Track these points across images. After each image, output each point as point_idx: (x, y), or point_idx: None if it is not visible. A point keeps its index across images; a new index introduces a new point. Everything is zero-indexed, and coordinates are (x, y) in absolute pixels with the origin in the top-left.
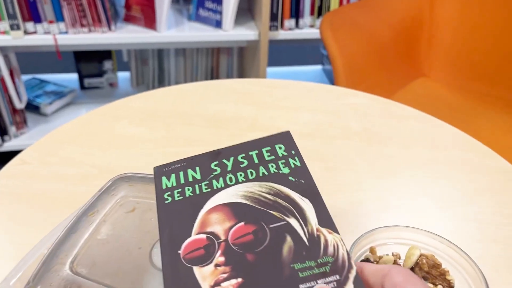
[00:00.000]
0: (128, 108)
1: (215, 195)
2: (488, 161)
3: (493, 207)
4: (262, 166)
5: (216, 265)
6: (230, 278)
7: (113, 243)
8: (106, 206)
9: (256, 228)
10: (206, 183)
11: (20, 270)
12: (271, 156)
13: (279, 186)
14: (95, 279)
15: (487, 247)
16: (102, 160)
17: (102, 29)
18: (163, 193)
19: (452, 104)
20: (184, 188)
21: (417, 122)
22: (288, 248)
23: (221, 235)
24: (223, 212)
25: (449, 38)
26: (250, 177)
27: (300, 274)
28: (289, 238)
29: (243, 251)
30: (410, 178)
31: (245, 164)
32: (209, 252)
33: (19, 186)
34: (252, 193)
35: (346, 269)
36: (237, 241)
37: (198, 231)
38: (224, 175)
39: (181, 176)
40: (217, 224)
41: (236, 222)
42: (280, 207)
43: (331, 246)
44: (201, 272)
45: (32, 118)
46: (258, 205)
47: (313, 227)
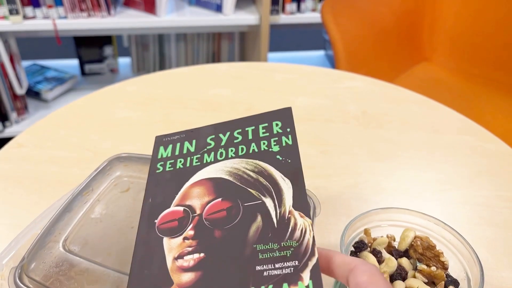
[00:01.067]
0: (124, 92)
1: (202, 169)
2: (487, 144)
3: (491, 190)
4: (254, 142)
5: (184, 238)
6: (193, 252)
7: (106, 222)
8: (101, 186)
9: (231, 205)
10: (197, 156)
11: (13, 249)
12: (266, 133)
13: (265, 165)
14: (86, 257)
15: (484, 229)
16: (97, 143)
17: (102, 13)
18: (157, 162)
19: (454, 88)
20: (176, 159)
21: (417, 106)
22: (256, 227)
23: (197, 209)
24: (205, 186)
25: (452, 22)
26: (240, 153)
27: (260, 255)
28: (260, 217)
29: (213, 226)
30: (408, 161)
31: (239, 139)
32: (182, 224)
33: (14, 169)
34: (237, 170)
35: (307, 256)
36: (210, 216)
37: (178, 203)
38: (216, 150)
39: (177, 148)
40: (197, 198)
41: (214, 198)
42: (259, 186)
43: (298, 231)
44: (169, 244)
45: (33, 104)
46: (239, 182)
47: (286, 209)
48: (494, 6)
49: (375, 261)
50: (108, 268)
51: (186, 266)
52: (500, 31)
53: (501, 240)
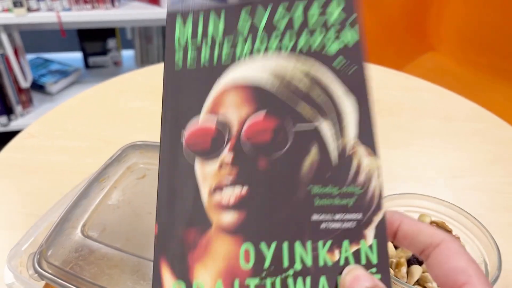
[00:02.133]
0: (133, 83)
1: (236, 66)
2: (499, 131)
3: (504, 177)
4: (307, 31)
5: (221, 163)
6: (233, 184)
7: (123, 208)
8: (117, 173)
9: (277, 126)
10: (229, 42)
11: (31, 236)
12: (322, 16)
13: (321, 70)
14: (105, 243)
15: (497, 215)
16: (108, 133)
17: (106, 5)
18: (174, 52)
19: (462, 77)
20: (201, 47)
21: (428, 94)
22: (310, 163)
23: (234, 124)
24: (243, 92)
25: (459, 12)
26: (287, 43)
27: (316, 200)
28: (315, 149)
29: (256, 153)
30: (421, 148)
31: (285, 20)
32: (216, 144)
33: (27, 159)
34: (284, 71)
35: (372, 208)
36: (251, 139)
37: (209, 112)
38: (254, 33)
39: (200, 22)
40: (233, 107)
41: (255, 110)
42: (314, 101)
43: (363, 174)
44: (203, 170)
45: (37, 97)
46: (287, 90)
47: (348, 141)
48: None
49: (392, 247)
50: (127, 253)
51: (226, 203)
52: (508, 20)
53: None
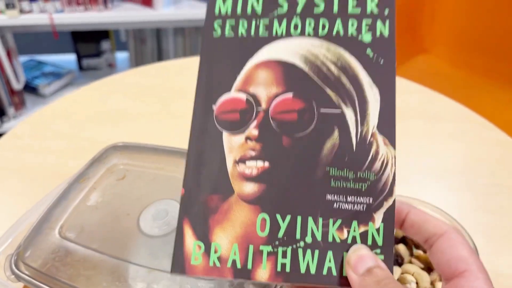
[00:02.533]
0: (122, 83)
1: (271, 44)
2: (485, 132)
3: (488, 178)
4: (341, 19)
5: (247, 137)
6: (257, 158)
7: (102, 209)
8: (97, 174)
9: (304, 107)
10: (265, 22)
11: (9, 237)
12: (357, 8)
13: (350, 58)
14: (83, 244)
15: (481, 216)
16: (94, 133)
17: (98, 7)
18: (214, 19)
19: (454, 79)
20: (238, 21)
21: (417, 95)
22: (332, 145)
23: (263, 101)
24: (274, 71)
25: (451, 14)
26: (321, 32)
27: (332, 182)
28: (337, 133)
29: (281, 130)
30: (408, 149)
31: (321, 8)
32: (245, 119)
33: (12, 159)
34: (314, 57)
35: (384, 194)
36: (278, 116)
37: (240, 88)
38: (289, 17)
39: (239, 2)
40: (263, 85)
41: (284, 91)
42: (340, 88)
43: (379, 162)
44: (230, 142)
45: (30, 99)
46: (316, 75)
47: (369, 129)
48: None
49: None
50: (104, 254)
51: (249, 174)
52: (500, 22)
53: (498, 227)
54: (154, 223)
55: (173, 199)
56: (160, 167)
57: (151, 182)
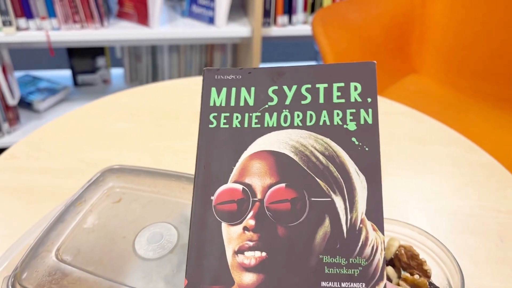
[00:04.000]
0: (117, 104)
1: (263, 136)
2: (471, 155)
3: (474, 200)
4: (326, 110)
5: (244, 228)
6: (255, 249)
7: (98, 232)
8: (94, 197)
9: (296, 197)
10: (257, 114)
11: (6, 259)
12: (341, 99)
13: (337, 148)
14: (79, 266)
15: (467, 238)
16: (90, 155)
17: (95, 25)
18: (210, 112)
19: (443, 100)
20: (232, 114)
21: (403, 117)
22: (323, 233)
23: (258, 192)
24: (267, 162)
25: (440, 35)
26: (308, 122)
27: (326, 269)
28: (328, 221)
29: (276, 220)
30: (395, 171)
31: (307, 101)
32: (242, 209)
33: (8, 180)
34: (304, 147)
35: (375, 279)
36: (272, 206)
37: (236, 179)
38: (279, 110)
39: (232, 95)
40: (257, 176)
41: (277, 181)
42: (329, 177)
43: (369, 247)
44: (229, 232)
45: (25, 114)
46: (306, 165)
47: (358, 216)
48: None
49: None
50: (100, 276)
51: (248, 265)
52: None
53: (484, 249)
54: (149, 246)
55: (168, 223)
56: (156, 190)
57: (147, 205)
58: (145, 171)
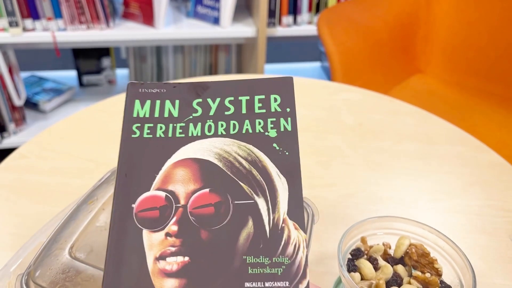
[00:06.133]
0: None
1: (187, 145)
2: (479, 154)
3: (483, 200)
4: (248, 120)
5: (167, 234)
6: (177, 254)
7: None
8: (106, 195)
9: (220, 201)
10: (181, 125)
11: (20, 257)
12: (262, 109)
13: (259, 153)
14: (92, 264)
15: (476, 238)
16: (98, 154)
17: (101, 26)
18: (132, 123)
19: (448, 99)
20: (156, 124)
21: (411, 117)
22: (247, 234)
23: (182, 198)
24: (191, 169)
25: (445, 35)
26: (232, 131)
27: (250, 269)
28: (251, 222)
29: (199, 225)
30: (403, 171)
31: (231, 111)
32: (164, 215)
33: (18, 180)
34: (227, 154)
35: (298, 277)
36: (196, 211)
37: (159, 187)
38: (203, 120)
39: (156, 107)
40: (181, 183)
41: (201, 187)
42: (252, 180)
43: (292, 246)
44: (150, 239)
45: (31, 115)
46: (230, 170)
47: (279, 216)
48: (486, 20)
49: (371, 268)
50: None
51: (169, 270)
52: (493, 43)
53: (493, 248)
54: None
55: None
56: None
57: None
58: None
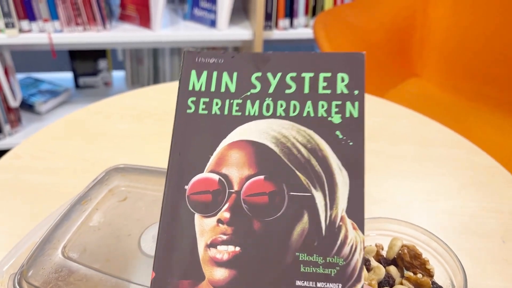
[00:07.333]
0: (120, 105)
1: (244, 125)
2: (473, 157)
3: (477, 201)
4: (311, 101)
5: (219, 220)
6: (228, 243)
7: (104, 230)
8: (99, 195)
9: (275, 190)
10: (238, 101)
11: (13, 257)
12: (327, 90)
13: (320, 140)
14: (85, 264)
15: (469, 239)
16: (93, 155)
17: (97, 27)
18: (188, 96)
19: (444, 103)
20: (212, 99)
21: (406, 120)
22: (301, 230)
23: (235, 183)
24: (246, 152)
25: (442, 38)
26: (292, 112)
27: (302, 267)
28: (306, 217)
29: (252, 214)
30: (398, 173)
31: (292, 90)
32: (217, 200)
33: (13, 179)
34: (285, 138)
35: (352, 280)
36: (249, 199)
37: (212, 169)
38: (262, 98)
39: (213, 80)
40: (235, 167)
41: (255, 173)
42: (310, 171)
43: (348, 246)
44: (202, 224)
45: (26, 116)
46: (287, 158)
47: (338, 214)
48: (483, 24)
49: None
50: (106, 274)
51: (220, 259)
52: (489, 47)
53: (486, 250)
54: (154, 244)
55: None
56: (161, 189)
57: (152, 204)
58: (150, 170)
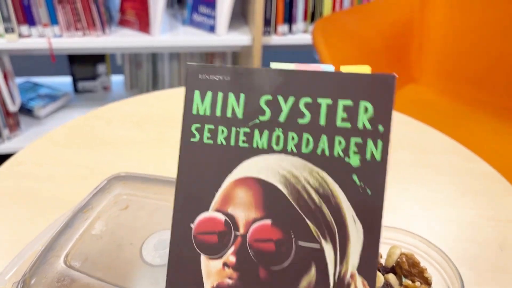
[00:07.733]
0: (120, 111)
1: (251, 159)
2: (470, 164)
3: (475, 209)
4: (327, 136)
5: (225, 263)
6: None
7: (106, 239)
8: (101, 204)
9: (282, 238)
10: (246, 130)
11: (15, 265)
12: (346, 123)
13: (334, 185)
14: (87, 272)
15: (467, 247)
16: (94, 162)
17: (97, 32)
18: (192, 122)
19: (442, 109)
20: (217, 127)
21: (403, 127)
22: (308, 283)
23: (241, 225)
24: (253, 193)
25: (439, 44)
26: (304, 148)
27: None
28: (314, 270)
29: (257, 261)
30: (394, 180)
31: (306, 120)
32: (223, 242)
33: (14, 186)
34: (296, 180)
35: None
36: (255, 244)
37: (218, 207)
38: (271, 128)
39: (218, 102)
40: (241, 207)
41: (262, 216)
42: (321, 220)
43: None
44: (208, 266)
45: (25, 121)
46: (296, 202)
47: (348, 270)
48: (479, 29)
49: None
50: (108, 283)
51: None
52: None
53: (484, 257)
54: (156, 253)
55: None
56: (162, 197)
57: (153, 212)
58: (152, 179)
